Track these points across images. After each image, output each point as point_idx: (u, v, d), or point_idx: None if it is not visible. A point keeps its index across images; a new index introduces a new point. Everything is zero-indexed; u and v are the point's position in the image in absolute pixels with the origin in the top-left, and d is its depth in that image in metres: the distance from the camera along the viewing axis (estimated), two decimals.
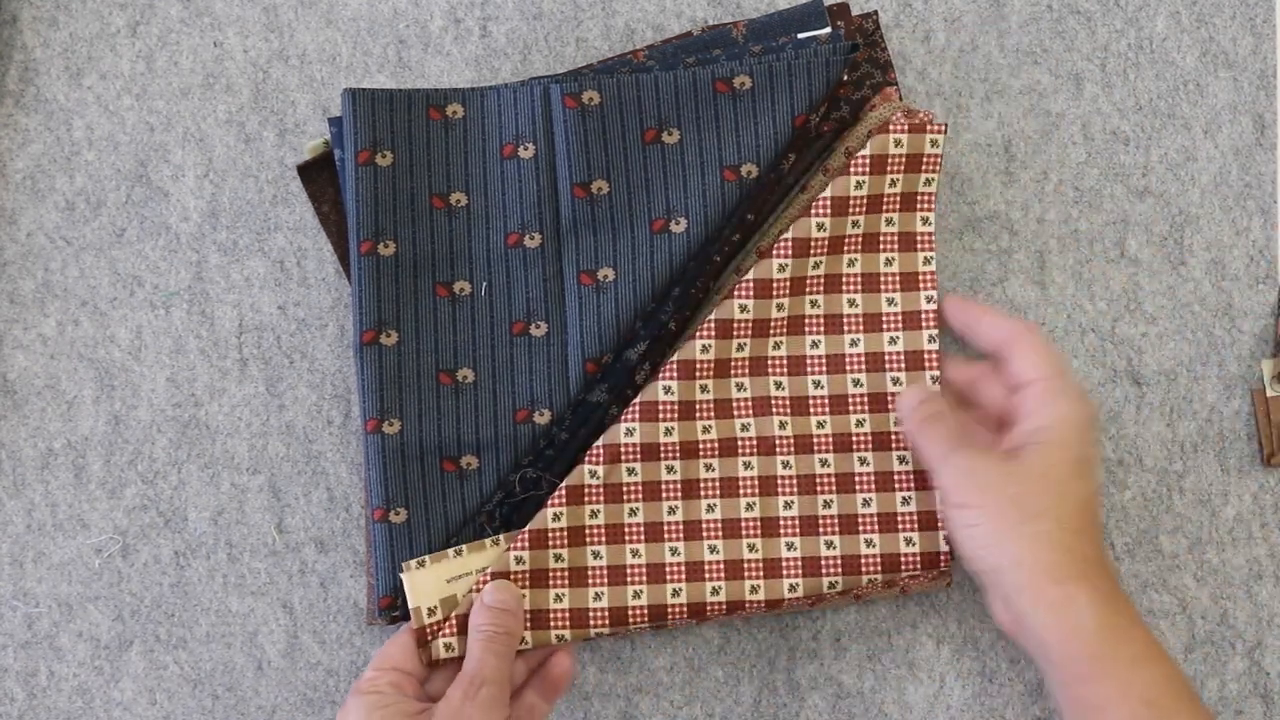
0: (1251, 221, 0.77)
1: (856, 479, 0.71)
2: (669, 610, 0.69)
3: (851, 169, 0.70)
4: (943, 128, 0.71)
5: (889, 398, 0.71)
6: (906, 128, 0.70)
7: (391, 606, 0.70)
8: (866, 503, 0.70)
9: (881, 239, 0.72)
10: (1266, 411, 0.75)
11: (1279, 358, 0.75)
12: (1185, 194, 0.77)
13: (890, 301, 0.72)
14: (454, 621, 0.68)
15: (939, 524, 0.70)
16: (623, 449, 0.69)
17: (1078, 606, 0.61)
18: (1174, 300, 0.76)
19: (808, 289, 0.72)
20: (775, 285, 0.70)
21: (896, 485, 0.70)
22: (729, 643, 0.74)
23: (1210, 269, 0.76)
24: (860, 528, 0.70)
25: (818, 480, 0.71)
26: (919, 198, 0.72)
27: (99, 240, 0.76)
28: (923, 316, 0.72)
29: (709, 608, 0.70)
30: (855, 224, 0.71)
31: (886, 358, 0.72)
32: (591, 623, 0.69)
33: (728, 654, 0.74)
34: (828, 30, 0.73)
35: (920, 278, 0.72)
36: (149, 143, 0.76)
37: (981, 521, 0.64)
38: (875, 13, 0.75)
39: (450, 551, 0.69)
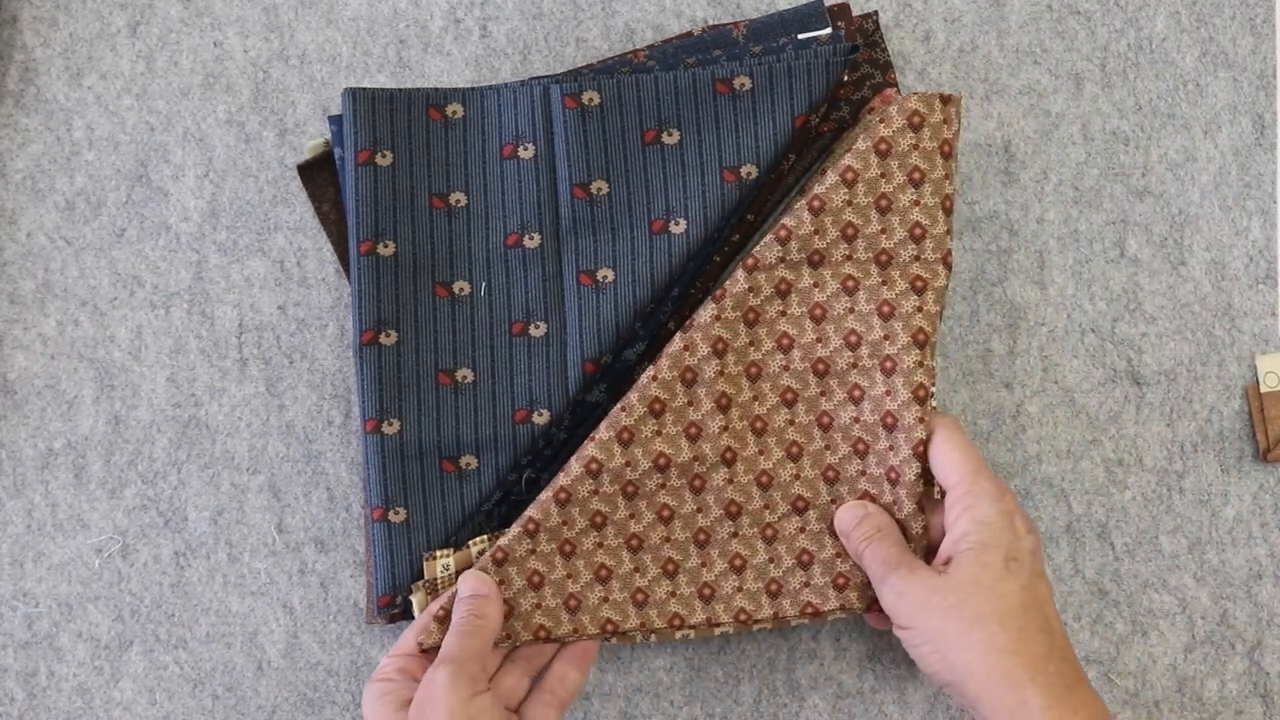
0: (1251, 221, 0.76)
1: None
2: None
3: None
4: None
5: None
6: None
7: (390, 605, 0.70)
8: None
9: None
10: (1261, 407, 0.75)
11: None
12: (1185, 194, 0.77)
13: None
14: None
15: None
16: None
17: (1031, 711, 0.60)
18: (1174, 300, 0.76)
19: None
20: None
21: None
22: (729, 643, 0.74)
23: (1210, 269, 0.76)
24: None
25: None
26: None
27: (99, 240, 0.76)
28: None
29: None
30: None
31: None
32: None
33: (728, 654, 0.74)
34: (828, 31, 0.73)
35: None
36: (149, 143, 0.76)
37: (925, 640, 0.63)
38: (875, 13, 0.75)
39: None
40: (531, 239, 0.71)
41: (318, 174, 0.75)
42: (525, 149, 0.72)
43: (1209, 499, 0.75)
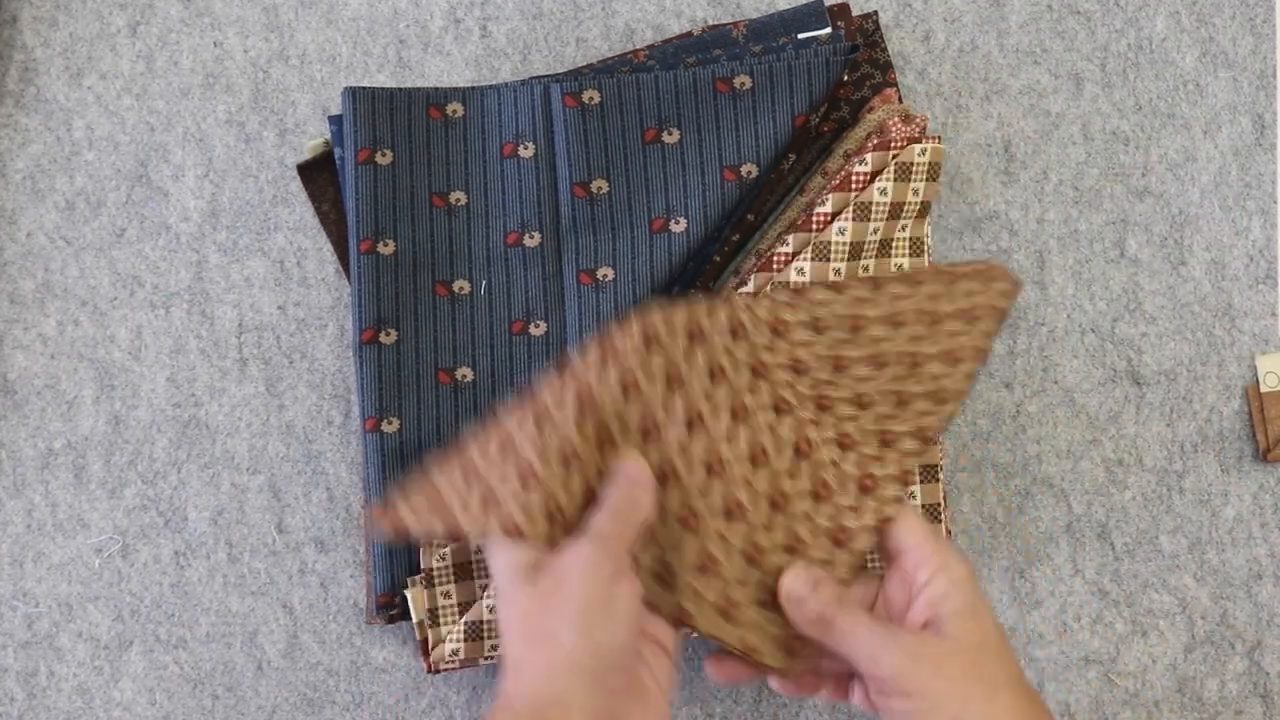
0: (1251, 221, 0.77)
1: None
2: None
3: (881, 176, 0.69)
4: (937, 138, 0.70)
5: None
6: (932, 142, 0.69)
7: (389, 604, 0.70)
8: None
9: (894, 243, 0.71)
10: (1261, 407, 0.75)
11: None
12: (1185, 194, 0.77)
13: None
14: (462, 627, 0.68)
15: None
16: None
17: None
18: (1174, 300, 0.76)
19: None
20: (794, 287, 0.69)
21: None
22: None
23: (1210, 269, 0.76)
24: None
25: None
26: (926, 205, 0.71)
27: (99, 240, 0.76)
28: None
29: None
30: (875, 230, 0.70)
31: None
32: None
33: None
34: (828, 30, 0.73)
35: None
36: (149, 143, 0.76)
37: (939, 707, 0.57)
38: (875, 13, 0.75)
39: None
40: (532, 238, 0.71)
41: (318, 174, 0.75)
42: (525, 148, 0.72)
43: (1209, 499, 0.75)
